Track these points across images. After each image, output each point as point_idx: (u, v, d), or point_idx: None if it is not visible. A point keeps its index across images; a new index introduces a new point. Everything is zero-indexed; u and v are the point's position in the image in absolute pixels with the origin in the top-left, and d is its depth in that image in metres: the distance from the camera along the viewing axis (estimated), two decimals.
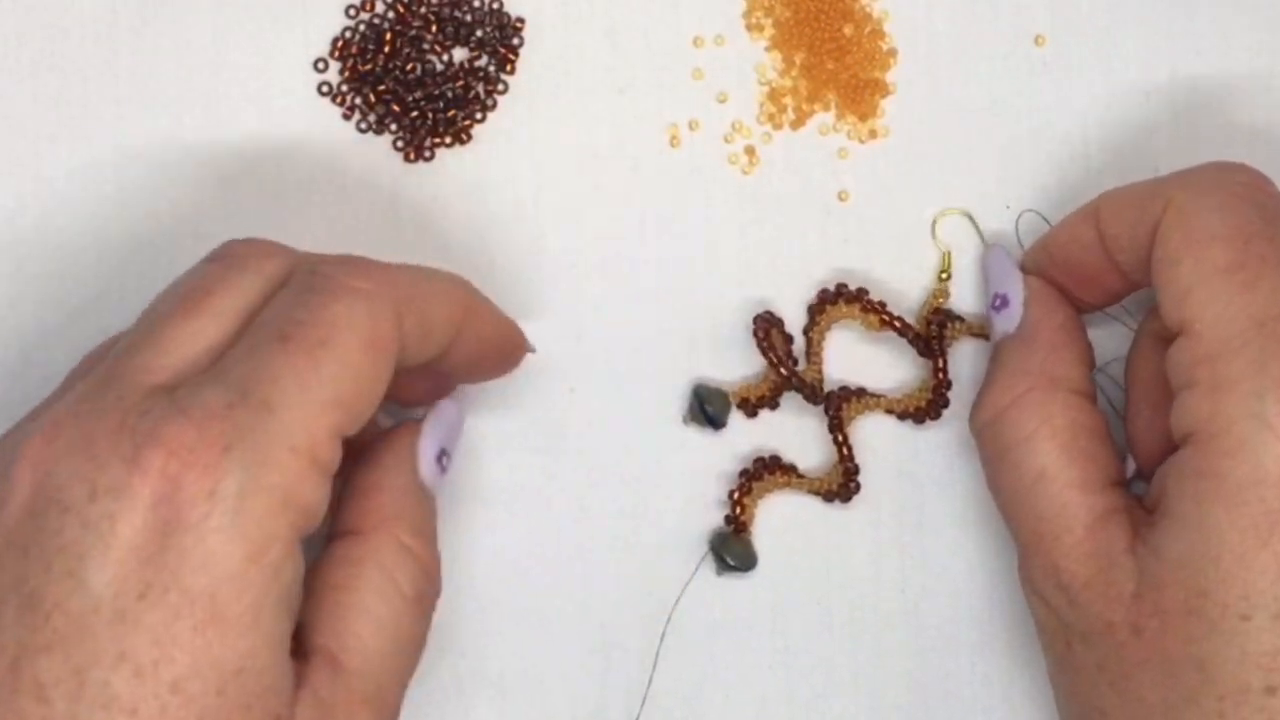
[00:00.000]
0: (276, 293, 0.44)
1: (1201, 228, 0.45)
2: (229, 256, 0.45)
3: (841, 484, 0.52)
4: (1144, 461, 0.49)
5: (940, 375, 0.52)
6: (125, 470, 0.40)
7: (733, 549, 0.52)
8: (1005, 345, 0.50)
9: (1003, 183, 0.53)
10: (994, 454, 0.49)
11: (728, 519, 0.52)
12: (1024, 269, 0.51)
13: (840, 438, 0.51)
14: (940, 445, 0.53)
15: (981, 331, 0.52)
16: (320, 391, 0.42)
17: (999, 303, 0.50)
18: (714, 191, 0.53)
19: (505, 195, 0.53)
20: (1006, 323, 0.50)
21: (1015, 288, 0.50)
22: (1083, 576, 0.46)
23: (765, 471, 0.52)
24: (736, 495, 0.52)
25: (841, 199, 0.53)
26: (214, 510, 0.40)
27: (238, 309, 0.43)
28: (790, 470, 0.52)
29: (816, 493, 0.52)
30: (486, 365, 0.49)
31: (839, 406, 0.51)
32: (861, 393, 0.52)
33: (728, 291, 0.53)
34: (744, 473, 0.52)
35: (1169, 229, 0.46)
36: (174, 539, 0.40)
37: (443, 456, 0.48)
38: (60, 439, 0.41)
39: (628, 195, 0.53)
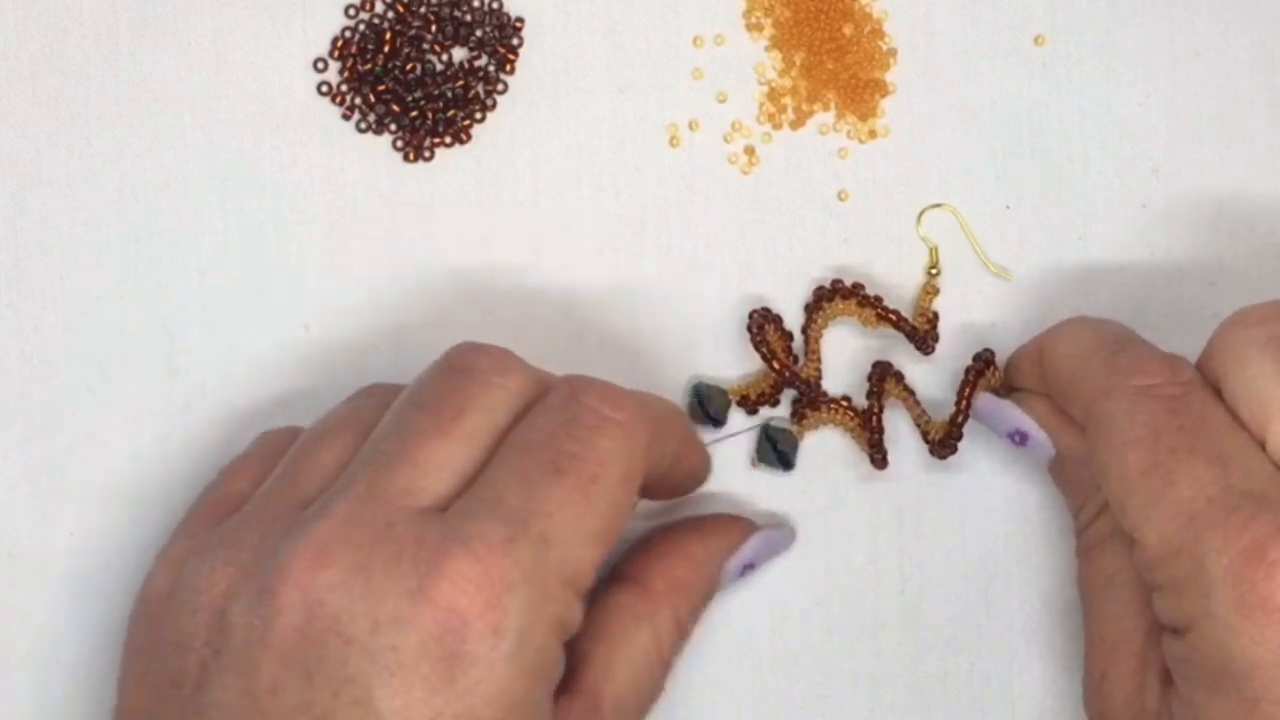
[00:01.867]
0: (525, 411, 0.45)
1: (1116, 436, 0.45)
2: (473, 371, 0.45)
3: (871, 451, 0.52)
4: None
5: (959, 418, 0.51)
6: (410, 603, 0.41)
7: (785, 437, 0.52)
8: (1062, 467, 0.50)
9: (1002, 183, 0.53)
10: (1078, 551, 0.50)
11: (791, 416, 0.52)
12: (1016, 380, 0.52)
13: (875, 407, 0.51)
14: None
15: (1000, 383, 0.52)
16: (590, 525, 0.43)
17: (1019, 439, 0.50)
18: (714, 191, 0.53)
19: (505, 195, 0.53)
20: (1040, 453, 0.50)
21: (1022, 421, 0.50)
22: (1121, 696, 0.47)
23: (835, 404, 0.52)
24: (800, 405, 0.52)
25: (841, 199, 0.53)
26: (500, 645, 0.41)
27: (491, 429, 0.44)
28: (848, 408, 0.52)
29: (858, 439, 0.52)
30: (675, 489, 0.50)
31: (883, 376, 0.51)
32: (900, 379, 0.52)
33: (728, 291, 0.53)
34: (797, 402, 0.52)
35: (1093, 443, 0.46)
36: (461, 672, 0.41)
37: (749, 569, 0.51)
38: (332, 564, 0.42)
39: (628, 195, 0.53)
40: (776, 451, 0.52)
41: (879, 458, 0.52)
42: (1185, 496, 0.43)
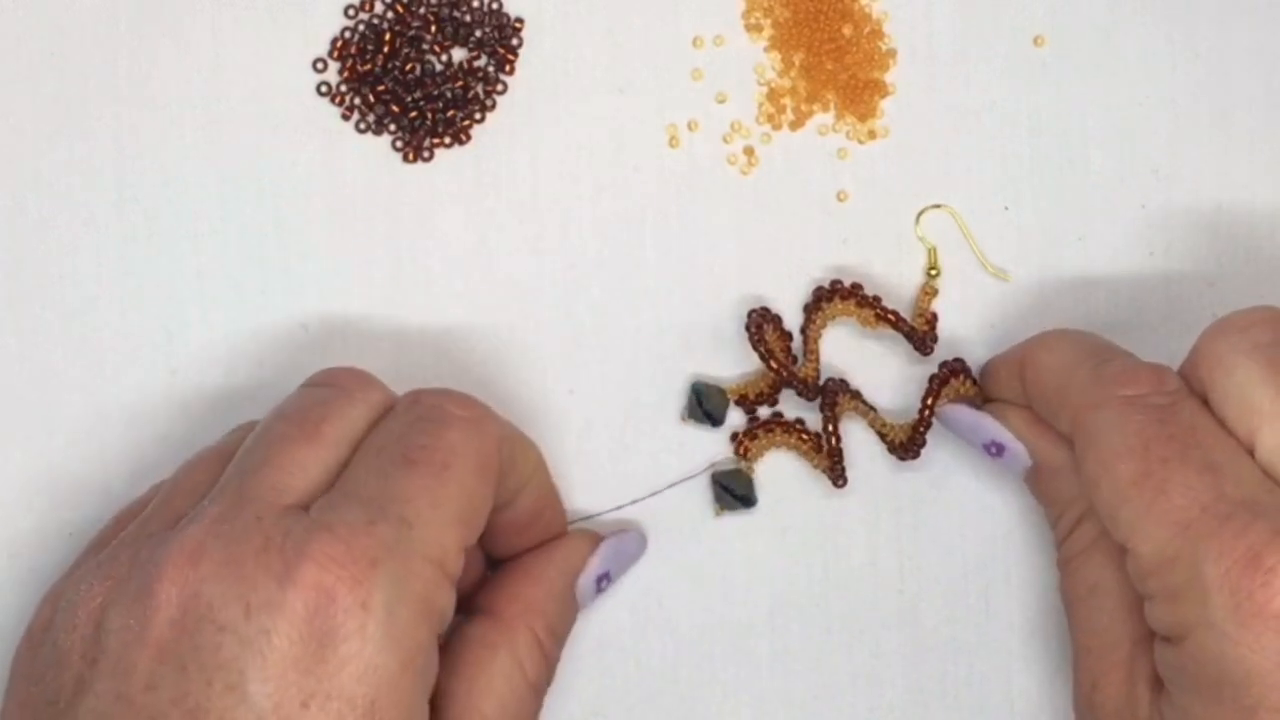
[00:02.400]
0: (379, 421, 0.47)
1: (1106, 447, 0.45)
2: (335, 385, 0.47)
3: (830, 467, 0.52)
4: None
5: (923, 418, 0.51)
6: (278, 586, 0.42)
7: (738, 479, 0.52)
8: (1038, 479, 0.50)
9: (1002, 183, 0.53)
10: (1059, 563, 0.50)
11: (735, 452, 0.52)
12: (994, 390, 0.52)
13: (830, 428, 0.51)
14: (939, 446, 0.52)
15: (974, 394, 0.52)
16: (447, 509, 0.44)
17: (995, 450, 0.50)
18: (713, 191, 0.53)
19: (504, 195, 0.53)
20: (1017, 464, 0.50)
21: (998, 433, 0.50)
22: (1111, 705, 0.47)
23: (776, 425, 0.52)
24: (741, 436, 0.52)
25: (840, 199, 0.53)
26: (369, 621, 0.42)
27: (350, 435, 0.46)
28: (797, 429, 0.52)
29: (813, 462, 0.52)
30: (531, 531, 0.51)
31: (835, 397, 0.51)
32: (857, 396, 0.52)
33: (726, 291, 0.53)
34: (752, 419, 0.52)
35: (1082, 455, 0.46)
36: (331, 650, 0.42)
37: (604, 580, 0.51)
38: (205, 559, 0.42)
39: (627, 195, 0.53)
40: (735, 497, 0.52)
41: (839, 480, 0.52)
42: (1178, 505, 0.43)
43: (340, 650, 0.42)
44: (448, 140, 0.53)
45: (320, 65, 0.53)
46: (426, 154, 0.53)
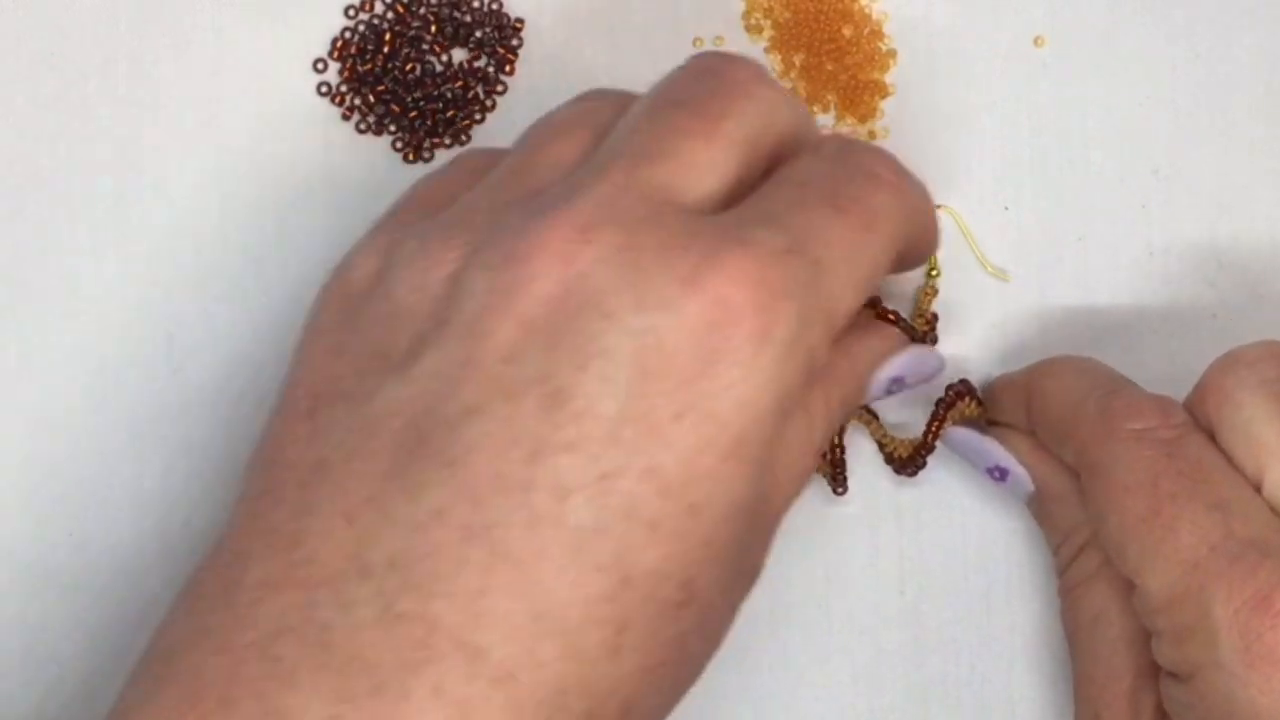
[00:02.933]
0: (783, 142, 0.43)
1: (1114, 482, 0.45)
2: (732, 80, 0.42)
3: (831, 475, 0.51)
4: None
5: (926, 441, 0.51)
6: (679, 288, 0.38)
7: None
8: (1041, 505, 0.50)
9: (1002, 183, 0.53)
10: (1061, 590, 0.50)
11: None
12: (998, 415, 0.51)
13: (836, 437, 0.51)
14: (939, 446, 0.52)
15: (979, 415, 0.52)
16: (859, 269, 0.42)
17: (998, 475, 0.50)
18: None
19: None
20: (1019, 488, 0.50)
21: (1003, 458, 0.50)
22: None
23: None
24: None
25: None
26: (764, 350, 0.39)
27: (755, 142, 0.42)
28: None
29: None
30: (904, 266, 0.48)
31: None
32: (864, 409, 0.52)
33: None
34: None
35: (1089, 489, 0.46)
36: (718, 369, 0.38)
37: (896, 383, 0.47)
38: (599, 238, 0.39)
39: None
40: None
41: (839, 487, 0.51)
42: (1187, 544, 0.43)
43: (729, 373, 0.38)
44: (448, 140, 0.53)
45: (320, 65, 0.53)
46: (426, 154, 0.53)
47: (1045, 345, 0.53)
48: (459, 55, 0.53)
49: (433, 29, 0.53)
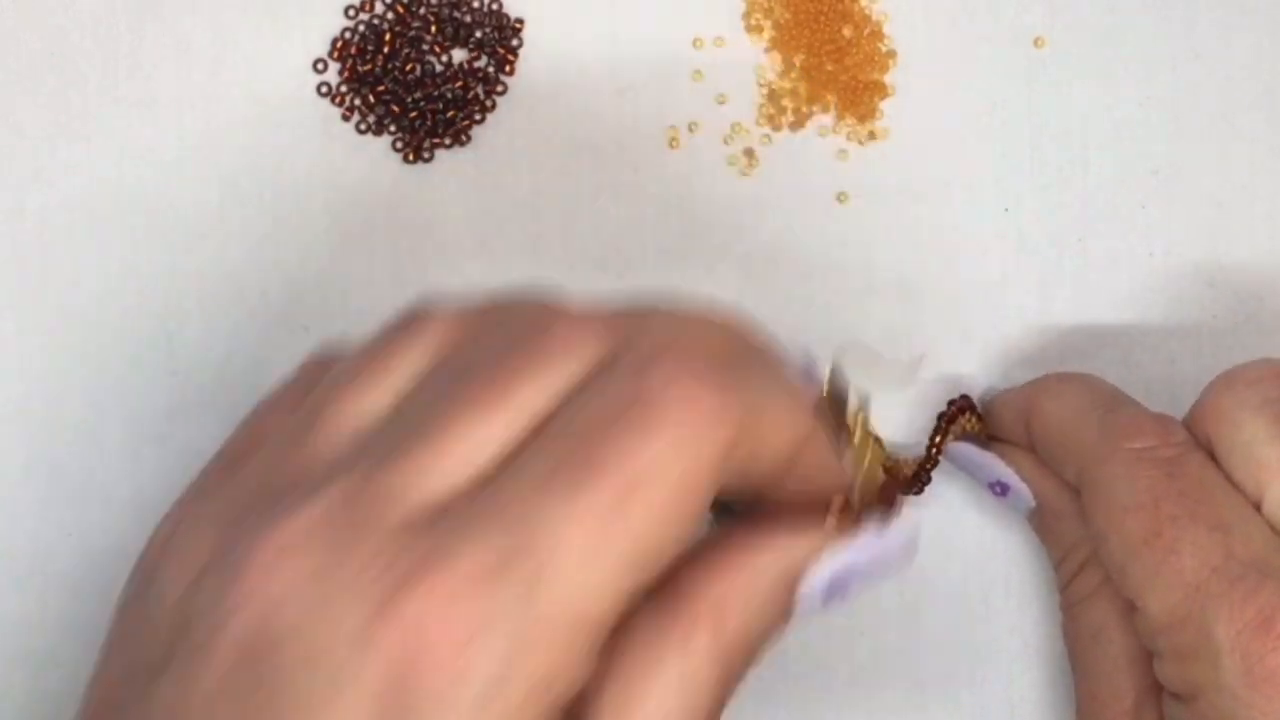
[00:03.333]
0: (586, 386, 0.36)
1: (1115, 501, 0.45)
2: (547, 341, 0.36)
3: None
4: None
5: (930, 456, 0.51)
6: (369, 622, 0.33)
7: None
8: (1042, 520, 0.50)
9: (1002, 183, 0.53)
10: (1063, 606, 0.50)
11: None
12: (998, 431, 0.51)
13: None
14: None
15: (980, 430, 0.51)
16: (613, 556, 0.34)
17: (1000, 490, 0.50)
18: (713, 193, 0.53)
19: (504, 196, 0.53)
20: (1020, 503, 0.50)
21: (1004, 473, 0.50)
22: None
23: None
24: None
25: (841, 201, 0.53)
26: (464, 691, 0.33)
27: (537, 410, 0.36)
28: None
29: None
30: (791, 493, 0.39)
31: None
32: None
33: (726, 293, 0.53)
34: None
35: (1090, 508, 0.46)
36: (414, 712, 0.33)
37: (839, 590, 0.39)
38: (292, 563, 0.34)
39: (627, 196, 0.53)
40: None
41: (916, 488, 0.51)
42: (1188, 566, 0.43)
43: (424, 715, 0.33)
44: (448, 140, 0.53)
45: (320, 65, 0.53)
46: (426, 154, 0.53)
47: (1045, 345, 0.53)
48: (459, 55, 0.53)
49: (433, 29, 0.53)
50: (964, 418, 0.51)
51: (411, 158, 0.53)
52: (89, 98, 0.52)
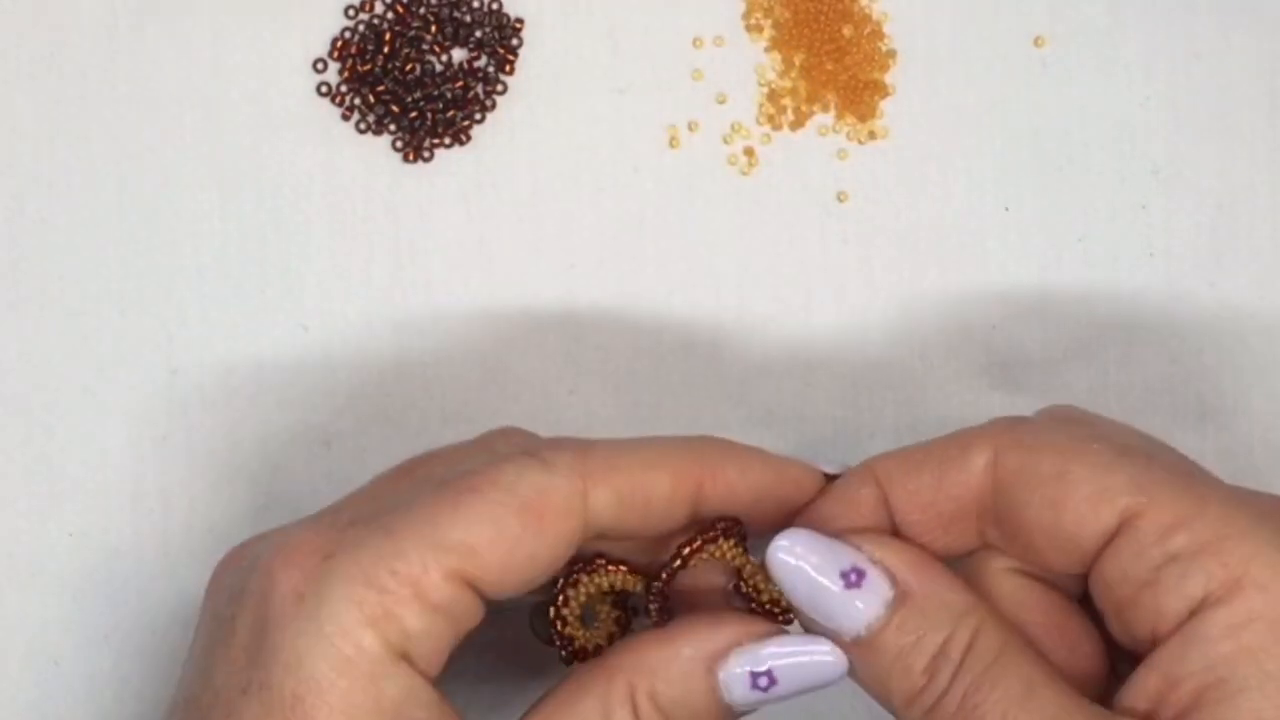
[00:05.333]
0: None
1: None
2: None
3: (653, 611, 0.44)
4: None
5: (666, 575, 0.44)
6: (248, 573, 0.42)
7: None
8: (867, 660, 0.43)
9: (1002, 184, 0.53)
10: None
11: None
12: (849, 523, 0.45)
13: (669, 569, 0.44)
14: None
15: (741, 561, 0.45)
16: (448, 533, 0.41)
17: (854, 578, 0.42)
18: (713, 192, 0.53)
19: (504, 195, 0.53)
20: (876, 595, 0.42)
21: (858, 559, 0.43)
22: None
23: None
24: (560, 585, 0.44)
25: (841, 200, 0.53)
26: (300, 613, 0.41)
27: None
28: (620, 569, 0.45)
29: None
30: (765, 516, 0.45)
31: (701, 541, 0.44)
32: (739, 537, 0.45)
33: (726, 293, 0.53)
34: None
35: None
36: (269, 637, 0.41)
37: (765, 680, 0.43)
38: (242, 551, 0.45)
39: (627, 196, 0.53)
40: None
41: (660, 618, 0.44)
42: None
43: (273, 638, 0.41)
44: (448, 140, 0.53)
45: (320, 65, 0.53)
46: (426, 154, 0.53)
47: (1045, 345, 0.53)
48: (459, 55, 0.53)
49: (433, 29, 0.53)
50: (721, 544, 0.44)
51: (411, 158, 0.53)
52: (89, 98, 0.52)
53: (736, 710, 0.43)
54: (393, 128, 0.53)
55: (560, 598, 0.44)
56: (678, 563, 0.44)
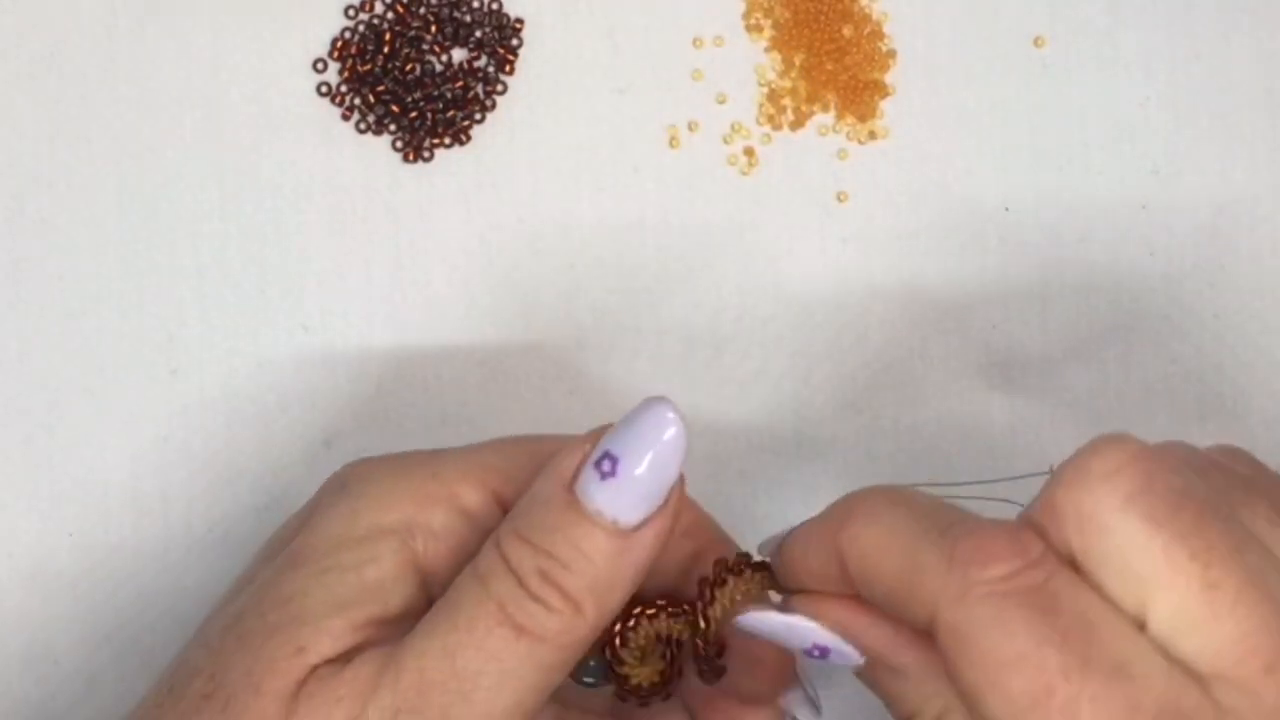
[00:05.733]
0: None
1: (988, 656, 0.37)
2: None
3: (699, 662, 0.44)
4: None
5: (709, 633, 0.43)
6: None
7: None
8: (875, 678, 0.42)
9: (1002, 184, 0.53)
10: None
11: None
12: (801, 582, 0.43)
13: (703, 613, 0.43)
14: (938, 445, 0.52)
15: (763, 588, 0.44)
16: (492, 457, 0.44)
17: (818, 653, 0.42)
18: (713, 192, 0.53)
19: (504, 195, 0.53)
20: (847, 662, 0.42)
21: (816, 633, 0.41)
22: None
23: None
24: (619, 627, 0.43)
25: (840, 200, 0.53)
26: (339, 497, 0.44)
27: None
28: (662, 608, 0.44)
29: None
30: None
31: (718, 580, 0.43)
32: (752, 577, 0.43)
33: (726, 293, 0.53)
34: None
35: (954, 662, 0.38)
36: (307, 522, 0.44)
37: (607, 462, 0.41)
38: None
39: (627, 195, 0.53)
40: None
41: (708, 671, 0.43)
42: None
43: (308, 523, 0.44)
44: (448, 140, 0.53)
45: (320, 65, 0.53)
46: (426, 154, 0.53)
47: (1045, 344, 0.53)
48: (459, 55, 0.53)
49: (433, 29, 0.53)
50: (739, 579, 0.43)
51: (411, 157, 0.53)
52: (89, 98, 0.52)
53: (620, 519, 0.41)
54: (393, 128, 0.53)
55: (618, 639, 0.43)
56: (709, 615, 0.42)
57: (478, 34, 0.53)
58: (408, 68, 0.53)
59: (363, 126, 0.53)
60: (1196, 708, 0.36)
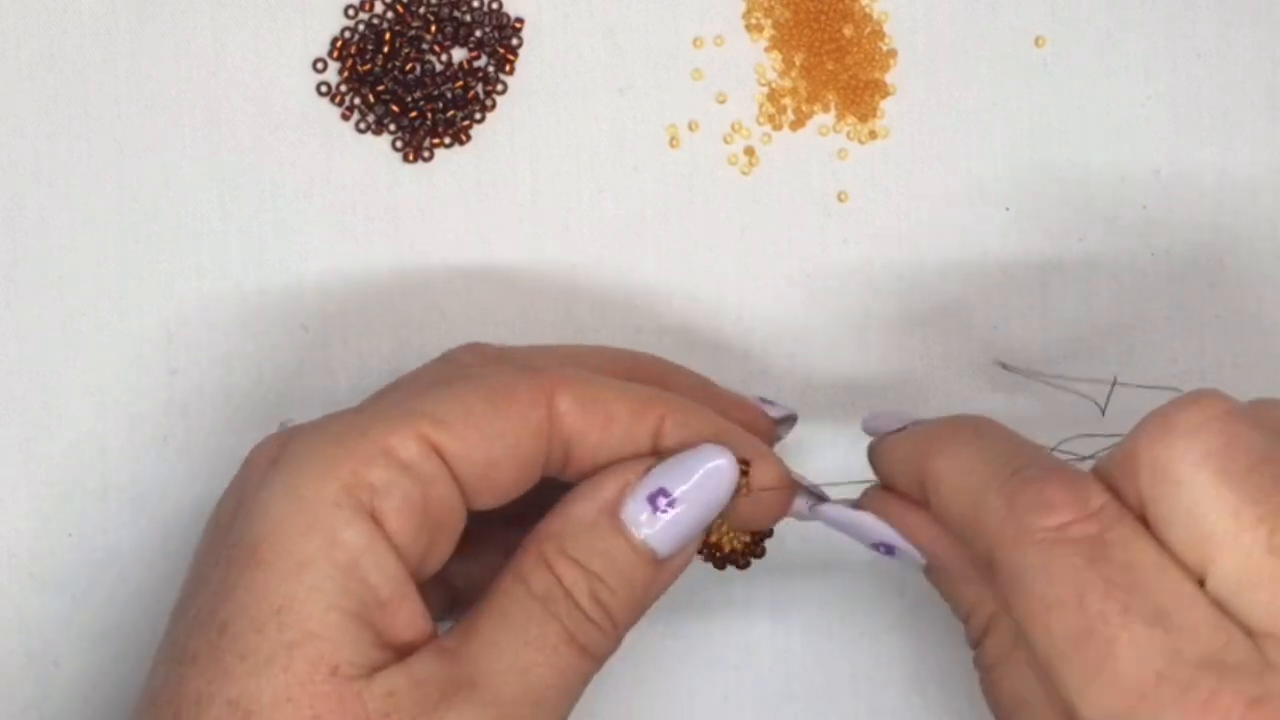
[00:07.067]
0: None
1: (1033, 596, 0.39)
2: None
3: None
4: None
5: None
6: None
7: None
8: (938, 579, 0.46)
9: (1002, 184, 0.53)
10: (977, 664, 0.45)
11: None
12: (886, 480, 0.46)
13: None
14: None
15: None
16: (420, 403, 0.43)
17: (885, 550, 0.45)
18: (713, 192, 0.53)
19: (504, 195, 0.53)
20: (911, 562, 0.45)
21: (884, 533, 0.45)
22: None
23: None
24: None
25: (841, 200, 0.53)
26: (273, 473, 0.42)
27: None
28: None
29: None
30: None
31: None
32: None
33: (726, 291, 0.53)
34: None
35: (1006, 597, 0.41)
36: (244, 505, 0.42)
37: (661, 499, 0.44)
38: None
39: (627, 195, 0.53)
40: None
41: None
42: (1128, 672, 0.38)
43: (246, 504, 0.42)
44: (448, 140, 0.53)
45: (320, 65, 0.53)
46: (426, 154, 0.53)
47: (1045, 344, 0.53)
48: (459, 55, 0.53)
49: (433, 29, 0.53)
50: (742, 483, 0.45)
51: (411, 157, 0.53)
52: (89, 98, 0.52)
53: (661, 551, 0.44)
54: (393, 128, 0.53)
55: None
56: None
57: (478, 34, 0.53)
58: (408, 67, 0.53)
59: (363, 126, 0.53)
60: (1244, 661, 0.37)
